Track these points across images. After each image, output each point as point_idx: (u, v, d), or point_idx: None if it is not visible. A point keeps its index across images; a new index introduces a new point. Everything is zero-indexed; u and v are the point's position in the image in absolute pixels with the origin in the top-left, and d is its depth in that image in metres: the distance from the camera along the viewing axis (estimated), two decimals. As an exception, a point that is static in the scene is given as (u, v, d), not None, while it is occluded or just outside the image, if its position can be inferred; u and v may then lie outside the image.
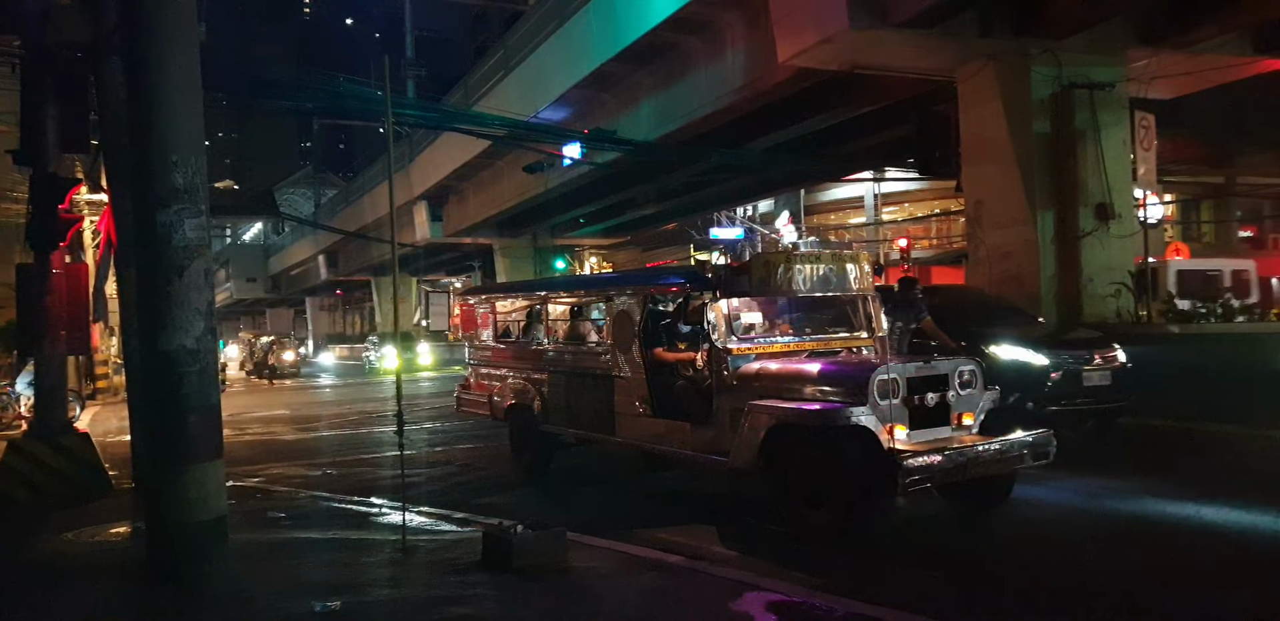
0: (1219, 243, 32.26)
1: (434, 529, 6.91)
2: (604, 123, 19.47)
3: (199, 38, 5.67)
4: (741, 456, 6.62)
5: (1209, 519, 6.60)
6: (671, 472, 8.96)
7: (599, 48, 17.73)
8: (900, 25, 11.74)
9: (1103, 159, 12.61)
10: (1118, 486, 7.82)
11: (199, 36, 5.68)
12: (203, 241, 5.47)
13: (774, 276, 7.11)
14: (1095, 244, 12.66)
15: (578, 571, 5.49)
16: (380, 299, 49.84)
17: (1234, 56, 13.48)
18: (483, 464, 10.44)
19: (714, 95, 16.42)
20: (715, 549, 6.21)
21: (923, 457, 5.91)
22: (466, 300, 11.32)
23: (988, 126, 13.07)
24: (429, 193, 31.88)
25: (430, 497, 8.20)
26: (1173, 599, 4.96)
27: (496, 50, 24.35)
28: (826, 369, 6.59)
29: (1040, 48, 12.45)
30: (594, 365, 8.44)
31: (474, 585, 5.28)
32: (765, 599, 4.86)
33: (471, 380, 10.83)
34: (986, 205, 13.39)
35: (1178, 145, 21.93)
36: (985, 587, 5.31)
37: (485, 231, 32.62)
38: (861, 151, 20.66)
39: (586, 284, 11.40)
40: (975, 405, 6.67)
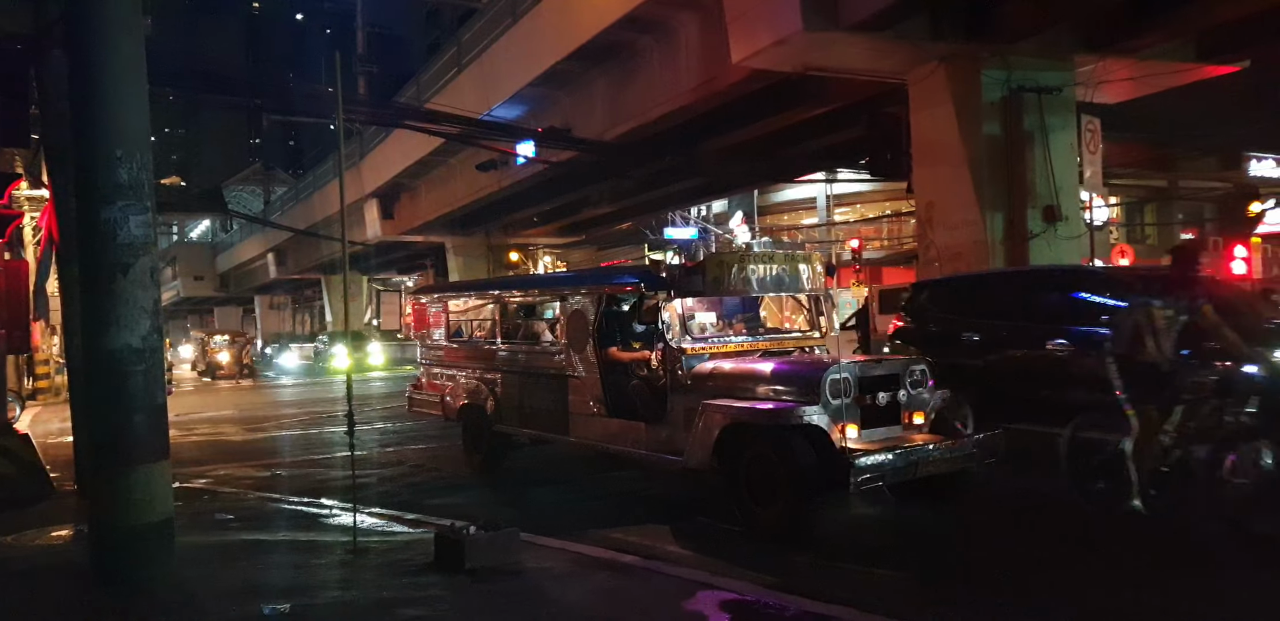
0: (1162, 245, 33.06)
1: (385, 530, 6.84)
2: (558, 121, 19.41)
3: (145, 31, 5.54)
4: (695, 455, 6.65)
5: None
6: (625, 472, 8.98)
7: (553, 45, 17.67)
8: (853, 27, 11.87)
9: (1050, 161, 12.86)
10: (1063, 483, 7.99)
11: (145, 29, 5.56)
12: (148, 239, 5.35)
13: (728, 276, 7.17)
14: (1043, 245, 12.90)
15: (531, 572, 5.46)
16: (331, 297, 49.18)
17: (1177, 62, 13.83)
18: (435, 464, 10.36)
19: (668, 95, 16.45)
20: (669, 548, 6.22)
21: (874, 456, 5.97)
22: (419, 299, 11.23)
23: (938, 129, 13.26)
24: (381, 190, 31.54)
25: (382, 498, 8.11)
26: (1129, 594, 5.07)
27: (449, 47, 24.16)
28: (779, 368, 6.64)
29: (990, 51, 12.66)
30: (548, 365, 8.42)
31: (426, 586, 5.23)
32: (719, 598, 4.88)
33: (423, 380, 10.75)
34: (937, 206, 13.59)
35: (1123, 149, 22.46)
36: (937, 585, 5.39)
37: (438, 229, 32.35)
38: (814, 153, 20.83)
39: (541, 283, 11.37)
40: (926, 404, 6.76)
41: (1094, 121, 13.64)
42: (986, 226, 12.85)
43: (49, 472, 8.96)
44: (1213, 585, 5.16)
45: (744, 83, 14.80)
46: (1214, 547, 5.86)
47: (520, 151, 20.14)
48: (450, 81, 23.05)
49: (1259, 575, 5.33)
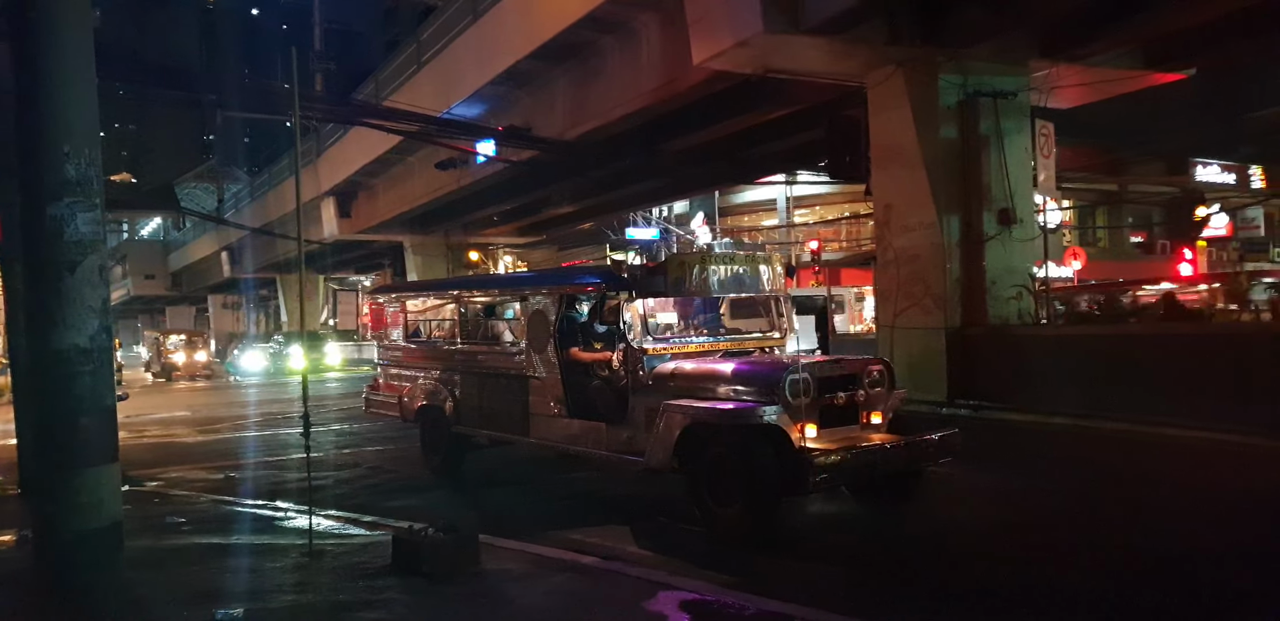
0: (1113, 247, 33.79)
1: (342, 533, 6.75)
2: (519, 120, 19.31)
3: (93, 24, 5.42)
4: (656, 456, 6.65)
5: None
6: (584, 473, 8.95)
7: (514, 44, 17.58)
8: (813, 30, 11.95)
9: (1006, 165, 13.06)
10: (1022, 482, 8.13)
11: (93, 23, 5.43)
12: (97, 236, 5.22)
13: (689, 277, 7.18)
14: (998, 247, 13.09)
15: (490, 574, 5.42)
16: (286, 297, 48.48)
17: (1127, 69, 14.12)
18: (392, 466, 10.26)
19: (630, 95, 16.44)
20: (630, 549, 6.21)
21: (833, 456, 6.02)
22: (376, 299, 11.11)
23: (896, 132, 13.40)
24: (338, 188, 31.16)
25: (338, 501, 8.00)
26: (1078, 590, 5.15)
27: (409, 45, 23.94)
28: (740, 369, 6.66)
29: (947, 56, 12.83)
30: (508, 365, 8.37)
31: (383, 589, 5.17)
32: (679, 598, 4.88)
33: (380, 381, 10.64)
34: (895, 209, 13.72)
35: (1075, 153, 22.89)
36: (895, 583, 5.44)
37: (396, 228, 32.03)
38: (775, 154, 20.95)
39: (501, 283, 11.31)
40: (883, 404, 6.81)
41: (1048, 126, 13.87)
42: (943, 229, 13.01)
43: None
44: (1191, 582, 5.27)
45: (705, 84, 14.84)
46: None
47: (480, 150, 20.02)
48: (409, 79, 22.84)
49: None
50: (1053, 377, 11.56)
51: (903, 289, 13.44)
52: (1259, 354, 9.70)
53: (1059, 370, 11.58)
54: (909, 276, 13.40)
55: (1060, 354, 11.83)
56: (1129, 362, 10.88)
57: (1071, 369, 11.48)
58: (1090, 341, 11.76)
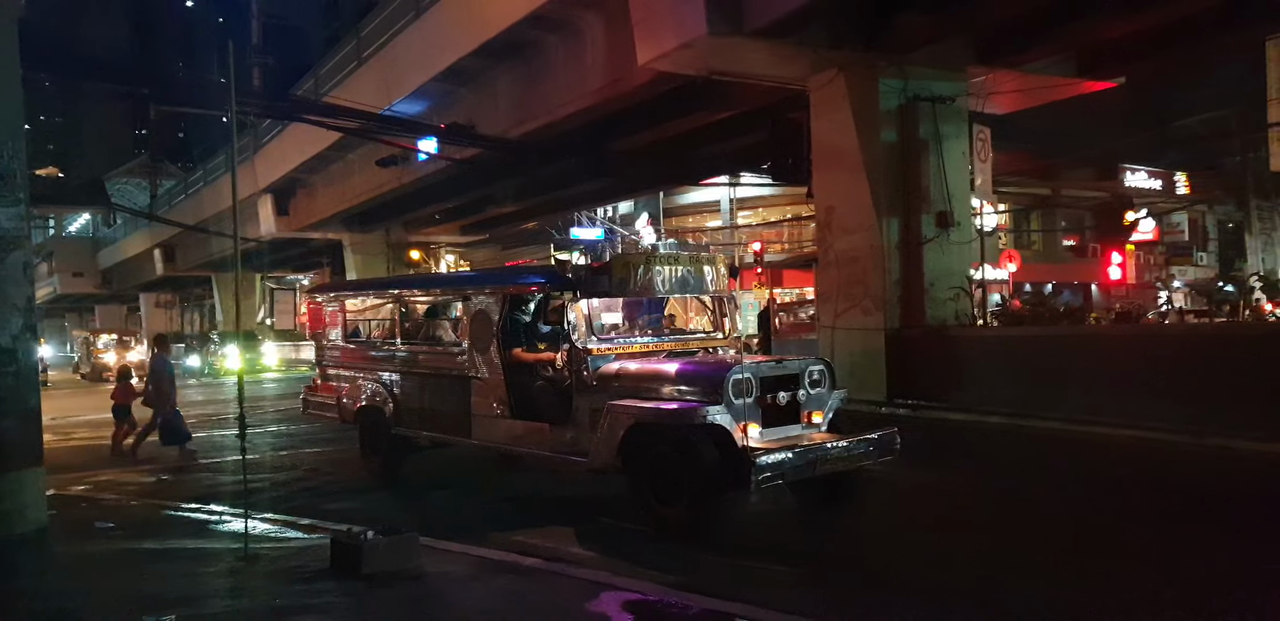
0: (1046, 250, 34.65)
1: (279, 536, 6.62)
2: (462, 117, 19.12)
3: (18, 11, 5.24)
4: (600, 456, 6.65)
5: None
6: (526, 474, 8.91)
7: (457, 41, 17.43)
8: (756, 33, 12.05)
9: (944, 169, 13.31)
10: (959, 481, 8.29)
11: (18, 10, 5.26)
12: (20, 232, 5.06)
13: (633, 277, 7.18)
14: (936, 250, 13.34)
15: (431, 576, 5.36)
16: (222, 296, 47.40)
17: (1060, 77, 14.51)
18: (331, 468, 10.09)
19: (574, 94, 16.40)
20: (572, 550, 6.19)
21: (775, 455, 6.06)
22: (315, 298, 10.92)
23: (838, 135, 13.57)
24: (275, 185, 30.55)
25: (275, 503, 7.85)
26: (1019, 587, 5.26)
27: (349, 40, 23.57)
28: (684, 369, 6.68)
29: (888, 61, 13.04)
30: (450, 366, 8.29)
31: (321, 593, 5.09)
32: (622, 598, 4.88)
33: (319, 381, 10.46)
34: (836, 211, 13.90)
35: (1011, 158, 23.43)
36: (837, 580, 5.50)
37: (335, 226, 31.53)
38: (719, 156, 21.07)
39: (443, 282, 11.17)
40: (824, 404, 6.89)
41: (985, 131, 14.19)
42: (883, 231, 13.21)
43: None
44: (1114, 573, 5.41)
45: (650, 85, 14.87)
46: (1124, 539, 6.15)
47: (422, 148, 19.79)
48: (350, 75, 22.48)
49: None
50: (989, 377, 11.83)
51: (843, 290, 13.63)
52: (1183, 354, 10.03)
53: (995, 370, 11.85)
54: (849, 278, 13.58)
55: (995, 354, 12.11)
56: (1061, 363, 11.18)
57: (1006, 369, 11.76)
58: (1024, 342, 12.05)
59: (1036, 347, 11.75)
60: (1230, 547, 5.87)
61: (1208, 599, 4.85)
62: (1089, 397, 10.44)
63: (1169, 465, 8.73)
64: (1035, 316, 13.19)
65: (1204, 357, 9.72)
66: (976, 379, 11.99)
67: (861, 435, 6.68)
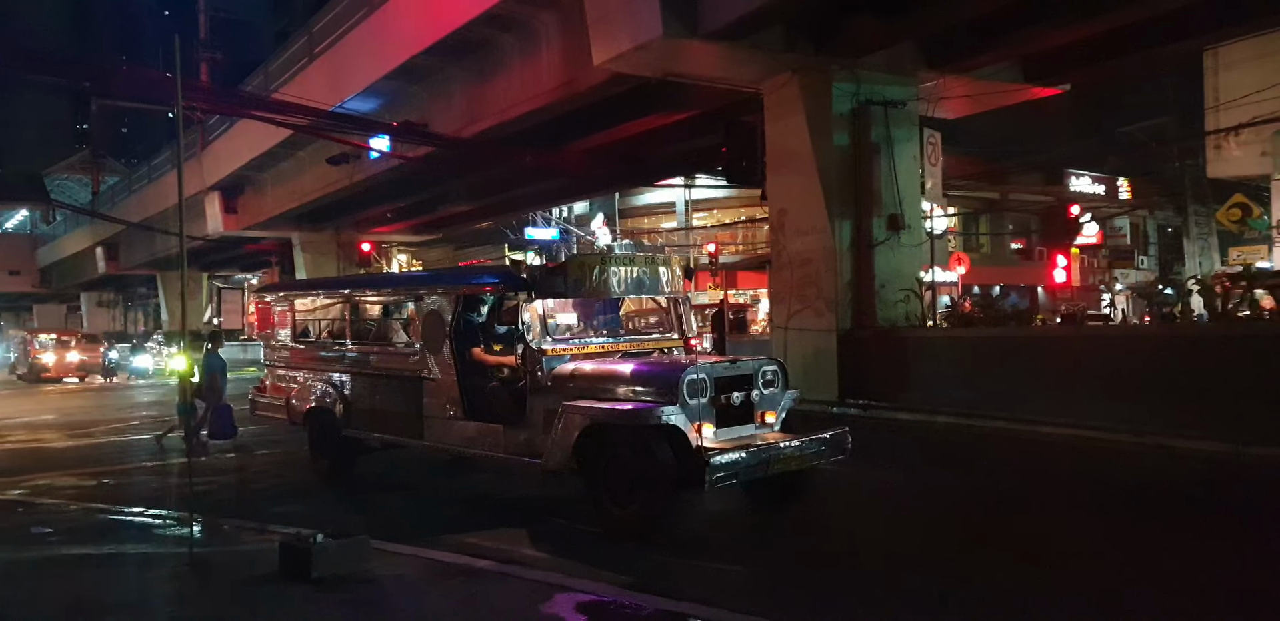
0: (994, 253, 35.31)
1: (226, 540, 6.50)
2: (415, 116, 18.96)
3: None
4: (555, 457, 6.62)
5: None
6: (479, 475, 8.85)
7: (410, 39, 17.27)
8: (711, 36, 12.10)
9: (895, 172, 13.48)
10: (909, 480, 8.40)
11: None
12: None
13: (589, 278, 7.17)
14: (887, 252, 13.51)
15: (382, 580, 5.30)
16: (167, 295, 46.44)
17: (1008, 83, 14.77)
18: (279, 470, 9.93)
19: (529, 94, 16.33)
20: (526, 551, 6.16)
21: (729, 455, 6.09)
22: (263, 298, 10.74)
23: (791, 138, 13.68)
24: (223, 183, 30.03)
25: (222, 507, 7.69)
26: (969, 586, 5.33)
27: (300, 36, 23.25)
28: (639, 370, 6.68)
29: (840, 65, 13.17)
30: (402, 367, 8.20)
31: (269, 598, 5.01)
32: (575, 599, 4.87)
33: (268, 382, 10.30)
34: (789, 213, 14.01)
35: (961, 162, 23.84)
36: (789, 579, 5.54)
37: (285, 225, 31.05)
38: (675, 157, 21.13)
39: (395, 282, 11.04)
40: (778, 404, 6.93)
41: (935, 135, 14.39)
42: (835, 233, 13.34)
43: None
44: (1063, 571, 5.52)
45: (605, 85, 14.86)
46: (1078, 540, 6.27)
47: (374, 146, 19.58)
48: (300, 71, 22.16)
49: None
50: (938, 378, 12.01)
51: (796, 292, 13.74)
52: (1124, 355, 10.27)
53: (943, 371, 12.04)
54: (802, 279, 13.69)
55: (944, 355, 12.30)
56: (1008, 364, 11.39)
57: (955, 369, 11.95)
58: (972, 343, 12.24)
59: (984, 349, 11.95)
60: (1160, 543, 6.02)
61: (1137, 594, 4.97)
62: (1035, 398, 10.64)
63: (1109, 463, 8.94)
64: (983, 318, 13.39)
65: (1143, 359, 9.96)
66: (926, 379, 12.16)
67: (814, 435, 6.73)
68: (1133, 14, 11.93)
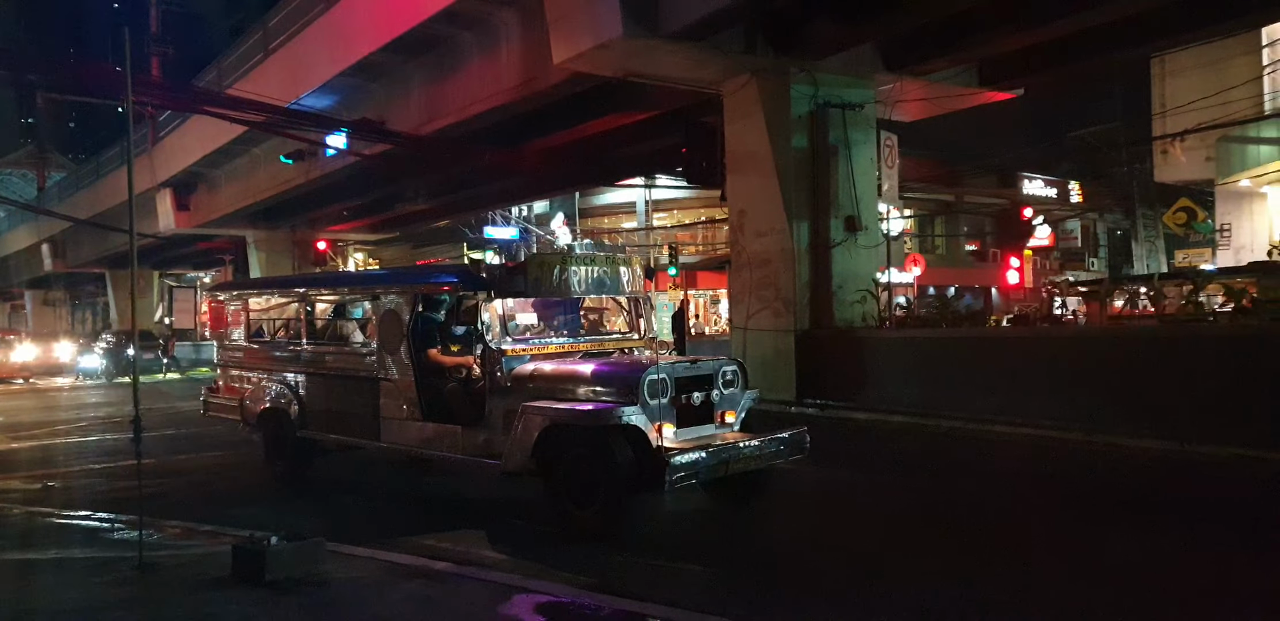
0: (949, 255, 35.80)
1: (177, 543, 6.37)
2: (372, 113, 18.75)
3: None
4: (514, 458, 6.57)
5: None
6: (436, 477, 8.77)
7: (368, 35, 17.08)
8: (671, 36, 12.13)
9: (853, 174, 13.62)
10: (865, 479, 8.48)
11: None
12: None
13: (549, 277, 7.13)
14: (845, 253, 13.64)
15: (338, 582, 5.24)
16: (116, 294, 45.44)
17: (963, 87, 15.00)
18: (232, 472, 9.77)
19: (488, 92, 16.24)
20: (484, 553, 6.13)
21: (689, 455, 6.09)
22: (216, 296, 10.55)
23: (750, 139, 13.76)
24: (175, 179, 29.47)
25: (173, 510, 7.54)
26: (925, 583, 5.39)
27: (255, 31, 22.90)
28: (599, 370, 6.66)
29: (799, 67, 13.27)
30: (358, 367, 8.11)
31: (221, 602, 4.92)
32: (534, 601, 4.85)
33: (221, 383, 10.15)
34: (748, 214, 14.09)
35: (917, 164, 24.13)
36: (749, 578, 5.56)
37: (239, 222, 30.52)
38: (635, 157, 21.13)
39: (351, 281, 10.91)
40: (738, 404, 6.94)
41: (892, 138, 14.56)
42: (793, 234, 13.45)
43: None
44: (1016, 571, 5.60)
45: (566, 84, 14.82)
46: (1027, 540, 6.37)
47: (331, 143, 19.34)
48: (255, 67, 21.84)
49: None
50: (893, 377, 12.15)
51: (755, 292, 13.82)
52: (1075, 355, 10.46)
53: (899, 370, 12.18)
54: (761, 280, 13.78)
55: (900, 355, 12.44)
56: (961, 363, 11.55)
57: (910, 369, 12.09)
58: (926, 343, 12.40)
59: (939, 349, 12.10)
60: (1105, 540, 6.16)
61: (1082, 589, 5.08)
62: (989, 397, 10.80)
63: (1062, 462, 9.10)
64: (937, 318, 13.57)
65: (1093, 358, 10.16)
66: (882, 379, 12.29)
67: (773, 434, 6.76)
68: (1083, 21, 12.17)
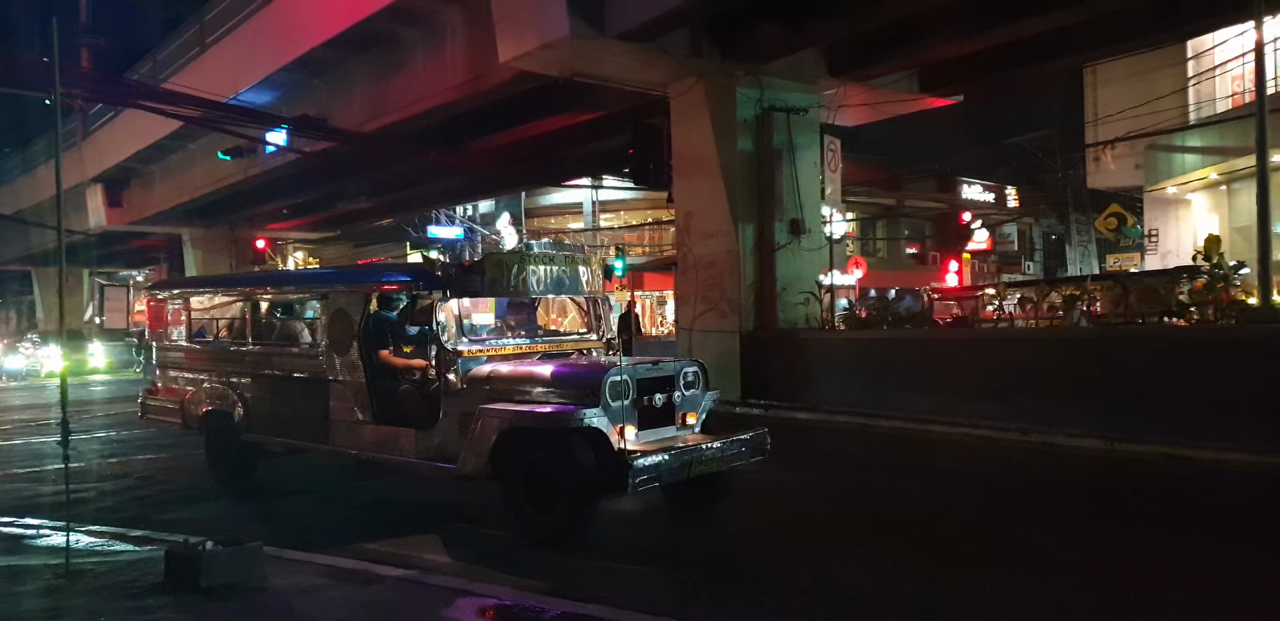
0: (890, 258, 36.39)
1: (106, 550, 6.18)
2: (314, 110, 18.43)
3: None
4: (470, 462, 6.38)
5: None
6: (380, 480, 8.61)
7: (311, 30, 16.80)
8: (619, 37, 12.12)
9: (797, 178, 13.75)
10: (808, 478, 8.56)
11: None
12: None
13: (506, 276, 6.97)
14: (789, 256, 13.77)
15: (276, 589, 5.12)
16: (43, 292, 44.05)
17: (905, 93, 15.24)
18: (166, 475, 9.51)
19: (433, 90, 16.07)
20: (429, 557, 6.03)
21: (651, 457, 5.96)
22: (156, 295, 10.18)
23: (696, 142, 13.82)
24: (107, 175, 28.67)
25: (103, 514, 7.33)
26: (871, 582, 5.43)
27: (192, 24, 22.38)
28: (559, 371, 6.51)
29: (745, 71, 13.37)
30: (306, 368, 7.88)
31: (152, 609, 4.78)
32: (478, 604, 4.81)
33: (159, 384, 9.71)
34: (695, 216, 14.15)
35: (860, 168, 24.46)
36: (693, 578, 5.55)
37: (175, 220, 29.79)
38: (582, 158, 21.11)
39: (300, 280, 10.54)
40: (698, 405, 6.83)
41: (835, 142, 14.74)
42: (739, 237, 13.54)
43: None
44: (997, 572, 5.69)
45: (512, 83, 14.73)
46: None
47: (270, 140, 18.96)
48: (193, 60, 21.37)
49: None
50: (836, 378, 12.29)
51: (701, 293, 13.88)
52: (1012, 355, 10.69)
53: (841, 371, 12.33)
54: (707, 282, 13.85)
55: (842, 356, 12.59)
56: (902, 364, 11.73)
57: (852, 370, 12.25)
58: (868, 345, 12.56)
59: (880, 350, 12.27)
60: (1038, 537, 6.30)
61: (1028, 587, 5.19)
62: (929, 397, 10.99)
63: (998, 461, 9.28)
64: (879, 320, 13.77)
65: (1029, 359, 10.39)
66: (825, 380, 12.43)
67: (734, 436, 6.64)
68: (1020, 30, 12.45)
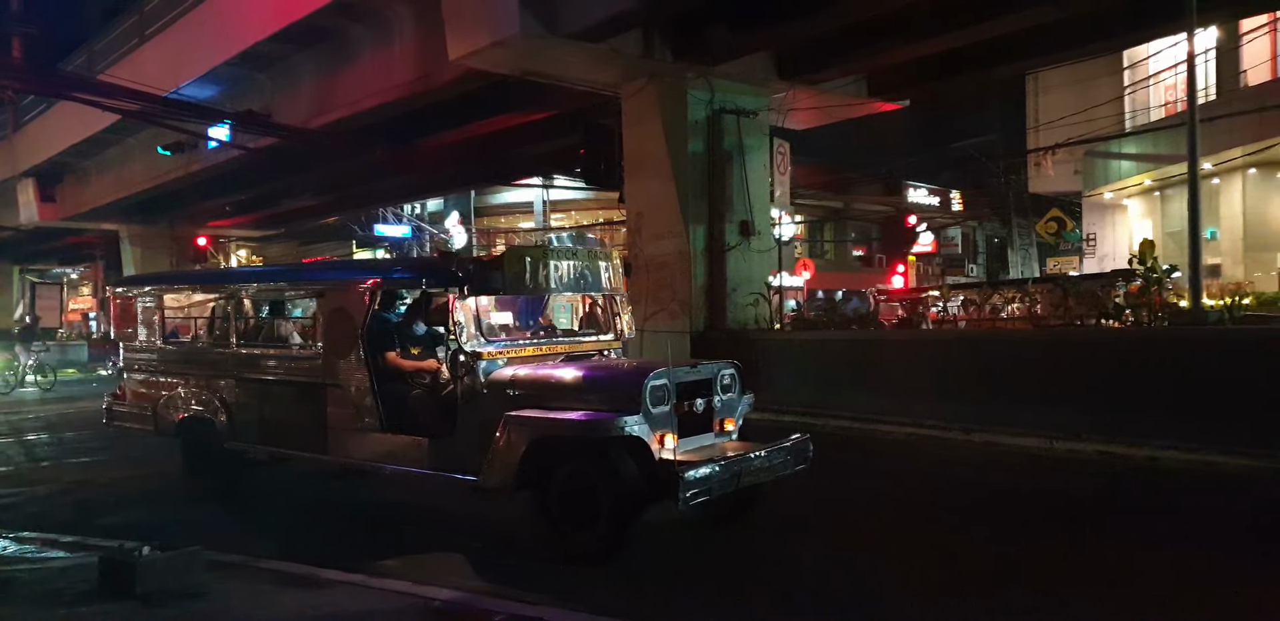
0: (838, 260, 36.83)
1: (36, 556, 5.99)
2: (258, 105, 18.05)
3: None
4: (495, 474, 5.88)
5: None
6: (343, 482, 8.32)
7: (256, 24, 16.47)
8: (570, 36, 12.04)
9: (747, 180, 13.83)
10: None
11: None
12: None
13: (528, 273, 6.53)
14: (739, 257, 13.85)
15: (216, 594, 4.99)
16: (-31, 290, 42.66)
17: (853, 97, 15.41)
18: (104, 479, 9.14)
19: (381, 86, 15.85)
20: (382, 562, 5.85)
21: (702, 469, 5.51)
22: (123, 292, 9.52)
23: (648, 143, 13.82)
24: (40, 169, 27.83)
25: (33, 520, 7.11)
26: (823, 582, 5.47)
27: (131, 14, 21.82)
28: (595, 374, 6.17)
29: (696, 72, 13.40)
30: (300, 372, 7.35)
31: (86, 616, 4.64)
32: (426, 606, 4.75)
33: (127, 388, 9.06)
34: (646, 217, 14.15)
35: (809, 171, 24.72)
36: (644, 580, 5.54)
37: (112, 216, 28.99)
38: (533, 157, 20.98)
39: (294, 275, 9.40)
40: (735, 410, 6.45)
41: (785, 145, 14.85)
42: (690, 238, 13.58)
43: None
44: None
45: (462, 81, 14.58)
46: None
47: (213, 135, 18.57)
48: (132, 52, 20.82)
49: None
50: (785, 378, 12.38)
51: (652, 294, 13.89)
52: (955, 356, 10.88)
53: (790, 371, 12.42)
54: (658, 282, 13.86)
55: (791, 356, 12.69)
56: (850, 364, 11.87)
57: (801, 370, 12.36)
58: (816, 345, 12.68)
59: (828, 350, 12.39)
60: (979, 534, 6.42)
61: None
62: (875, 397, 11.12)
63: (943, 459, 9.42)
64: (826, 321, 13.92)
65: (970, 359, 10.58)
66: (774, 380, 12.49)
67: (777, 443, 6.22)
68: (965, 37, 12.66)
